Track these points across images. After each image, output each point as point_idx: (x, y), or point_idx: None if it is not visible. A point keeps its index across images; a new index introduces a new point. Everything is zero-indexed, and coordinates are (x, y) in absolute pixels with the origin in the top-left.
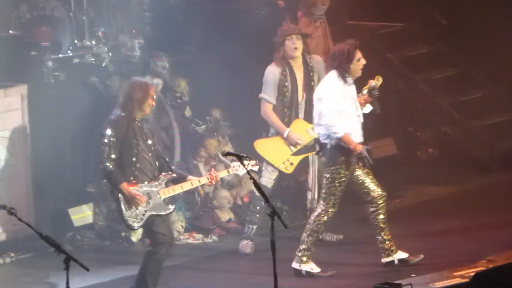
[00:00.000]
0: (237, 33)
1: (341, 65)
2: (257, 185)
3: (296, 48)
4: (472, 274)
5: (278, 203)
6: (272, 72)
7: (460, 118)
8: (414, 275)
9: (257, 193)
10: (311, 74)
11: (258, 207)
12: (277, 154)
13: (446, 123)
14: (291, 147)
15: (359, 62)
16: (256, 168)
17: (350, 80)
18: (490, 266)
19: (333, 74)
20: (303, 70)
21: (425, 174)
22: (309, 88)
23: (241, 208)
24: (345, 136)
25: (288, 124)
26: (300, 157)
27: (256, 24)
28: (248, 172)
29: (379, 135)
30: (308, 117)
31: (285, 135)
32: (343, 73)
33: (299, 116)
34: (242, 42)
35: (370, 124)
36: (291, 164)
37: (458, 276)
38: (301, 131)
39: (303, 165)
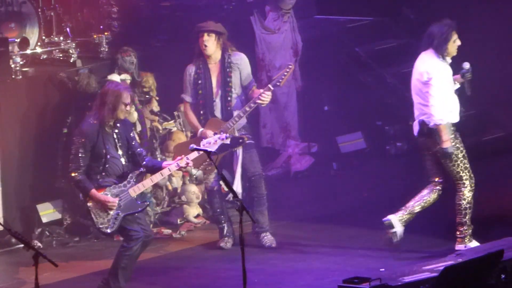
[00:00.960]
0: None
1: (440, 45)
2: (225, 180)
3: (206, 46)
4: (442, 268)
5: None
6: (188, 70)
7: None
8: (383, 269)
9: (225, 188)
10: (228, 70)
11: (218, 209)
12: (196, 156)
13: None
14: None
15: (455, 43)
16: (228, 141)
17: (448, 59)
18: (459, 260)
19: (432, 54)
20: (219, 67)
21: (393, 168)
22: (225, 85)
23: (207, 200)
24: (444, 126)
25: (204, 123)
26: (220, 156)
27: (224, 19)
28: (216, 166)
29: (347, 129)
30: (225, 114)
31: (198, 134)
32: (442, 53)
33: (215, 114)
34: None
35: (338, 119)
36: (215, 167)
37: (427, 270)
38: (214, 130)
39: (230, 161)
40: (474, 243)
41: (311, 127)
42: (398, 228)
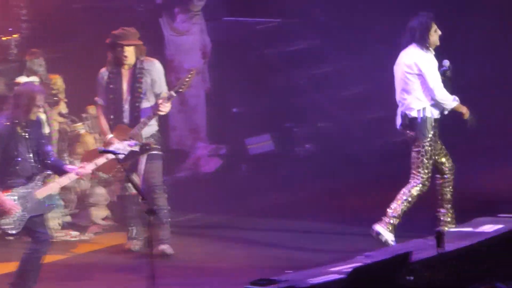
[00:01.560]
0: (114, 30)
1: (422, 36)
2: (132, 181)
3: (126, 57)
4: (350, 269)
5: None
6: (101, 74)
7: (338, 113)
8: (290, 271)
9: (133, 190)
10: (138, 76)
11: (128, 212)
12: (106, 163)
13: (324, 119)
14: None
15: (436, 32)
16: (137, 148)
17: (432, 51)
18: (368, 261)
19: (415, 48)
20: (131, 72)
21: (303, 170)
22: (134, 92)
23: (117, 206)
24: (458, 105)
25: (112, 128)
26: (128, 163)
27: (134, 21)
28: (124, 169)
29: (256, 131)
30: (133, 121)
31: (105, 141)
32: (425, 45)
33: (124, 119)
34: None
35: (247, 121)
36: (122, 170)
37: (335, 272)
38: (122, 137)
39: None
40: (391, 237)
41: (220, 129)
42: None
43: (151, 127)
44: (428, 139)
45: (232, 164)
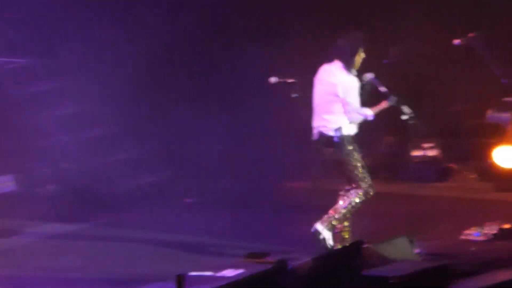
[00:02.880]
0: None
1: (350, 59)
2: None
3: None
4: None
5: None
6: None
7: (82, 154)
8: None
9: None
10: None
11: None
12: None
13: (67, 160)
14: None
15: (360, 56)
16: None
17: (353, 71)
18: None
19: (342, 67)
20: None
21: (45, 211)
22: None
23: None
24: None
25: None
26: None
27: None
28: None
29: None
30: None
31: None
32: (350, 65)
33: None
34: None
35: None
36: None
37: None
38: None
39: None
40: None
41: None
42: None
43: None
44: (349, 152)
45: None
